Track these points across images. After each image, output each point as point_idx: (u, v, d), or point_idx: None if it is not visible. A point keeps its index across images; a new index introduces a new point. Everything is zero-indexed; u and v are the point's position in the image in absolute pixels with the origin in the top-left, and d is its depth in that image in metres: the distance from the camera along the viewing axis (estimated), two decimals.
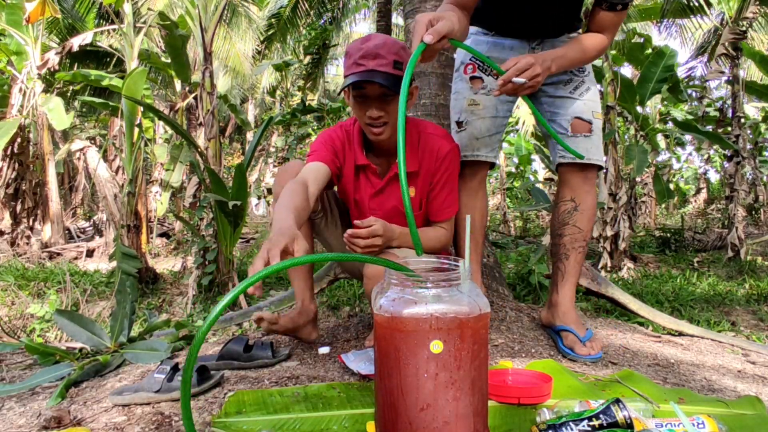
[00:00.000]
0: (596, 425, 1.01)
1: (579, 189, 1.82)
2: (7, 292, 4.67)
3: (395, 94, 1.46)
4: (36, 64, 7.53)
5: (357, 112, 1.57)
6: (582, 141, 1.78)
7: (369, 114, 1.54)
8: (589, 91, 1.80)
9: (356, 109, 1.57)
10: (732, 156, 6.20)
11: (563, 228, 1.83)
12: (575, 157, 1.73)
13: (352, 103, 1.58)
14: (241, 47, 11.36)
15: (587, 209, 1.82)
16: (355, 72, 1.50)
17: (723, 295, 3.85)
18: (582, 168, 1.81)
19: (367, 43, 1.52)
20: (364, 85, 1.51)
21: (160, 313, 4.32)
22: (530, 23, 1.77)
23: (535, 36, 1.81)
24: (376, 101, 1.53)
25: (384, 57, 1.49)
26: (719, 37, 6.24)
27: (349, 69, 1.52)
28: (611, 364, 1.68)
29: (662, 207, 13.93)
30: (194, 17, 6.38)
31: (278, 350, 1.70)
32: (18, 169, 7.67)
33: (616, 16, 1.63)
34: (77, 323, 2.01)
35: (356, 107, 1.57)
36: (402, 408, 0.95)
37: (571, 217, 1.82)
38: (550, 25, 1.79)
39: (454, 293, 0.96)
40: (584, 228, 1.82)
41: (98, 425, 1.22)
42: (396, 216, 1.64)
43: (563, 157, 1.82)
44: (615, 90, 5.69)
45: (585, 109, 1.78)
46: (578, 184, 1.82)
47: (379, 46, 1.50)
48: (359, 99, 1.55)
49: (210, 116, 6.38)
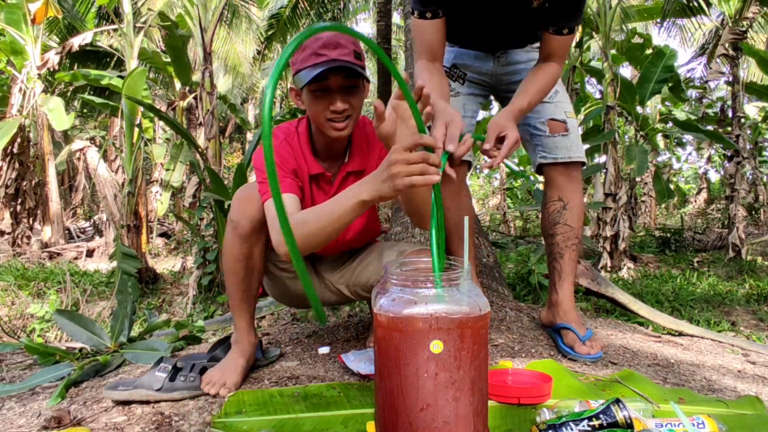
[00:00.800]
0: (596, 425, 1.01)
1: (565, 188, 1.85)
2: (7, 292, 4.67)
3: (358, 85, 1.43)
4: (36, 64, 7.54)
5: (316, 108, 1.43)
6: (561, 140, 1.83)
7: (333, 108, 1.41)
8: (558, 93, 1.86)
9: (315, 105, 1.43)
10: (732, 156, 6.20)
11: (554, 227, 1.86)
12: (556, 157, 1.80)
13: (310, 100, 1.43)
14: (241, 47, 11.37)
15: (575, 207, 1.85)
16: (317, 63, 1.37)
17: (723, 295, 3.85)
18: (566, 166, 1.84)
19: (323, 35, 1.41)
20: (328, 75, 1.38)
21: (160, 313, 4.32)
22: (492, 40, 1.85)
23: (499, 48, 1.88)
24: (340, 93, 1.41)
25: (345, 46, 1.38)
26: (719, 38, 6.24)
27: (307, 61, 1.39)
28: (611, 364, 1.68)
29: (662, 207, 13.93)
30: (194, 17, 6.38)
31: (267, 350, 1.70)
32: (18, 169, 7.68)
33: (564, 40, 1.67)
34: (77, 323, 2.01)
35: (315, 103, 1.43)
36: (402, 408, 0.95)
37: (561, 216, 1.85)
38: (512, 40, 1.86)
39: (454, 293, 0.97)
40: (575, 225, 1.85)
41: (98, 425, 1.22)
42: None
43: (544, 158, 1.85)
44: (615, 90, 5.69)
45: (557, 110, 1.84)
46: (564, 182, 1.85)
47: (337, 35, 1.40)
48: (319, 93, 1.41)
49: (210, 116, 6.39)
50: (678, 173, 15.66)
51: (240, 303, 1.54)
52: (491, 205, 15.05)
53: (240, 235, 1.45)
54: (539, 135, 1.85)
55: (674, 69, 5.92)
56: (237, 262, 1.49)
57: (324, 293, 1.73)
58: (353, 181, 1.55)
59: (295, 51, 1.03)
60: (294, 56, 1.41)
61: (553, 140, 1.83)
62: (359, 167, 1.55)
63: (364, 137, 1.59)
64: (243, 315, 1.55)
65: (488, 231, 8.72)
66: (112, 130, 9.10)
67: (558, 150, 1.83)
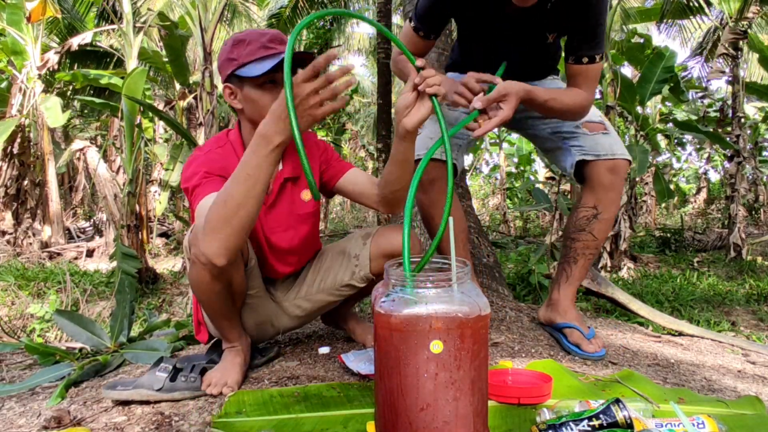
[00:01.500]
0: (596, 425, 1.01)
1: (605, 195, 1.73)
2: (7, 292, 4.67)
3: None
4: (36, 64, 7.54)
5: (262, 101, 1.37)
6: (602, 138, 1.73)
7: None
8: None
9: (262, 98, 1.37)
10: (733, 156, 6.21)
11: (578, 233, 1.78)
12: (598, 154, 1.68)
13: (256, 93, 1.37)
14: None
15: (607, 219, 1.75)
16: (267, 55, 1.35)
17: (723, 295, 3.85)
18: (610, 165, 1.71)
19: (263, 30, 1.40)
20: (277, 69, 1.31)
21: (160, 313, 4.32)
22: (507, 73, 1.79)
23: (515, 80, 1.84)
24: None
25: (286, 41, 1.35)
26: (719, 38, 6.24)
27: (254, 54, 1.35)
28: (611, 364, 1.68)
29: (662, 207, 13.93)
30: (194, 17, 6.39)
31: (265, 348, 1.70)
32: (19, 168, 7.68)
33: (586, 69, 1.60)
34: (77, 323, 2.00)
35: (262, 96, 1.37)
36: (402, 408, 0.95)
37: (588, 224, 1.76)
38: (528, 73, 1.77)
39: (455, 293, 0.97)
40: (600, 237, 1.77)
41: (98, 425, 1.22)
42: (293, 222, 1.55)
43: (586, 154, 1.73)
44: (615, 90, 5.69)
45: (591, 114, 1.75)
46: (607, 184, 1.71)
47: (279, 33, 1.41)
48: (269, 85, 1.37)
49: (210, 116, 6.40)
50: (678, 173, 15.66)
51: (229, 323, 1.46)
52: (491, 205, 15.05)
53: (219, 272, 1.27)
54: (576, 135, 1.75)
55: (674, 70, 5.93)
56: (216, 294, 1.36)
57: (282, 319, 1.65)
58: (291, 188, 1.54)
59: (301, 31, 1.07)
60: (233, 51, 1.38)
61: (593, 138, 1.73)
62: (294, 173, 1.53)
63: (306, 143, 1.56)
64: (232, 331, 1.48)
65: (488, 231, 8.72)
66: (112, 130, 9.10)
67: (600, 147, 1.72)
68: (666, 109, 9.50)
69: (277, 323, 1.65)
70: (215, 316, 1.45)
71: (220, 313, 1.43)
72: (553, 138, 1.82)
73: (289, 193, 1.54)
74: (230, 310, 1.45)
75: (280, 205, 1.53)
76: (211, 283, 1.31)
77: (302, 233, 1.58)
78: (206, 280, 1.31)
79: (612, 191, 1.73)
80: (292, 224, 1.55)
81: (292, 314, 1.65)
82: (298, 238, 1.57)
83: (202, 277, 1.30)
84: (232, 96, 1.43)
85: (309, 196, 1.56)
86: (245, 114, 1.44)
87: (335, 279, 1.61)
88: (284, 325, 1.67)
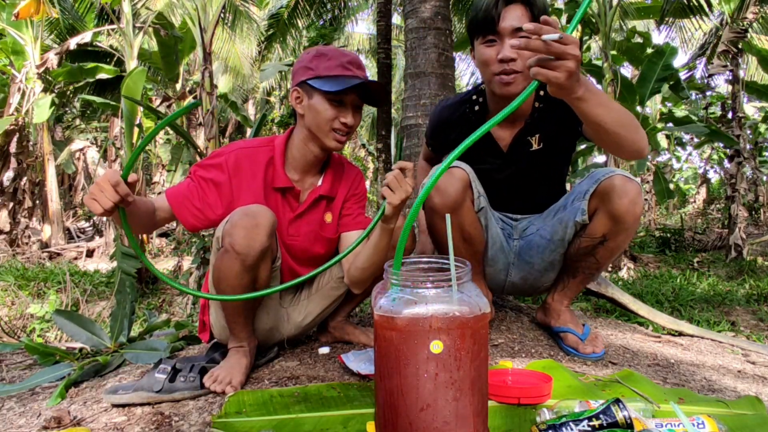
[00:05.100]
0: (596, 425, 1.01)
1: (617, 224, 1.57)
2: (7, 292, 4.67)
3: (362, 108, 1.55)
4: (35, 64, 7.54)
5: (326, 114, 1.46)
6: (595, 173, 1.66)
7: (344, 120, 1.48)
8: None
9: (326, 112, 1.46)
10: (733, 156, 6.21)
11: (582, 257, 1.71)
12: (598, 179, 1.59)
13: (322, 106, 1.46)
14: (242, 48, 11.36)
15: (615, 247, 1.64)
16: (347, 75, 1.45)
17: (723, 295, 3.85)
18: (619, 192, 1.54)
19: (345, 51, 1.51)
20: (349, 91, 1.46)
21: (160, 313, 4.32)
22: (512, 204, 1.84)
23: (520, 213, 1.86)
24: (353, 109, 1.50)
25: (365, 69, 1.52)
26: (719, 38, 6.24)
27: (332, 70, 1.45)
28: (611, 364, 1.68)
29: (662, 207, 13.93)
30: (194, 18, 6.39)
31: (265, 349, 1.70)
32: (17, 168, 7.68)
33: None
34: (77, 323, 2.00)
35: (327, 110, 1.46)
36: (402, 408, 0.95)
37: (594, 251, 1.67)
38: (534, 204, 1.83)
39: (454, 293, 0.96)
40: (603, 262, 1.71)
41: (98, 425, 1.22)
42: (314, 241, 1.61)
43: (587, 190, 1.61)
44: (615, 89, 5.69)
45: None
46: (622, 208, 1.54)
47: (356, 57, 1.53)
48: (336, 103, 1.47)
49: (210, 116, 6.39)
50: (678, 173, 15.66)
51: (244, 320, 1.49)
52: None
53: (248, 265, 1.35)
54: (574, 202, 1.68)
55: (674, 67, 5.92)
56: (242, 288, 1.40)
57: (287, 326, 1.69)
58: (324, 205, 1.62)
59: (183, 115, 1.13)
60: (312, 62, 1.48)
61: (587, 180, 1.66)
62: (330, 193, 1.61)
63: (340, 165, 1.66)
64: (244, 329, 1.50)
65: None
66: (112, 130, 9.09)
67: (596, 174, 1.63)
68: (666, 108, 9.50)
69: (283, 330, 1.69)
70: (233, 311, 1.47)
71: (238, 308, 1.46)
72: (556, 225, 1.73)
73: (316, 212, 1.62)
74: (247, 307, 1.49)
75: (305, 221, 1.61)
76: (240, 273, 1.36)
77: (315, 253, 1.65)
78: (236, 271, 1.35)
79: (627, 217, 1.56)
80: (310, 241, 1.62)
81: (296, 321, 1.70)
82: (309, 254, 1.64)
83: (232, 266, 1.35)
84: (299, 100, 1.52)
85: (331, 218, 1.64)
86: (304, 120, 1.52)
87: (330, 274, 1.68)
88: (288, 333, 1.71)
